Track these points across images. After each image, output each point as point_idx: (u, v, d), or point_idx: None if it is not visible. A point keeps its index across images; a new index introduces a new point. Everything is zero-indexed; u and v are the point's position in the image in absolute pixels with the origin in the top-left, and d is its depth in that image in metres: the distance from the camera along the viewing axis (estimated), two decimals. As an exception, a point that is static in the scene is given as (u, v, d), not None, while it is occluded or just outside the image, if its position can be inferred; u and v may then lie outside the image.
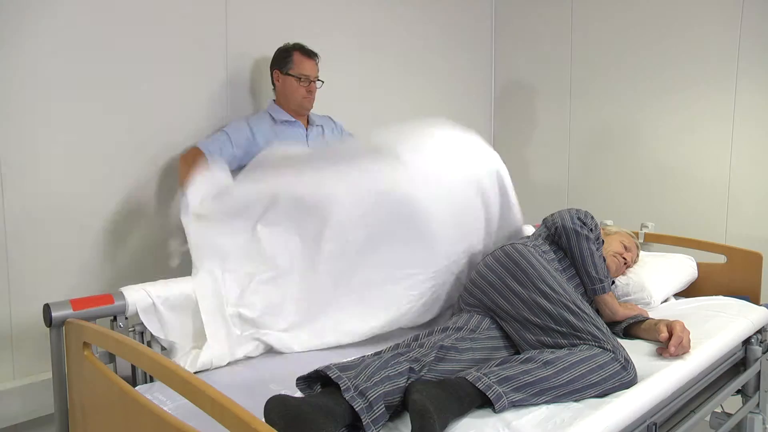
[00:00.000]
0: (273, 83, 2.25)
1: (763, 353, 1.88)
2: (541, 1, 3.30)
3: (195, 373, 1.44)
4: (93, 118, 1.95)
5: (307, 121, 2.31)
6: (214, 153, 2.01)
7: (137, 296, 1.43)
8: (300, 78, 2.20)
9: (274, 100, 2.28)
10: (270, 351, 1.68)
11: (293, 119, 2.26)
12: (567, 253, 1.73)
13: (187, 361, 1.49)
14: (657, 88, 2.90)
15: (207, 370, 1.56)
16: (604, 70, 3.08)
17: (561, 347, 1.40)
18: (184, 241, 1.65)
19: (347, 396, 1.14)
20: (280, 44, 2.24)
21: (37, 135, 1.84)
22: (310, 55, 2.24)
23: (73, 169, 1.92)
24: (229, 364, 1.60)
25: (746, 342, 1.84)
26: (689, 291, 2.25)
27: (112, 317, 1.40)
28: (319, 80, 2.26)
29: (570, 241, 1.72)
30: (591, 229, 1.75)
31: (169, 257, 1.92)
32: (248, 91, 2.38)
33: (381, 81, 2.84)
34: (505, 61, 3.49)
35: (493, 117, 3.54)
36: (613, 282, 1.88)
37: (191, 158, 1.96)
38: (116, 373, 1.37)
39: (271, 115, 2.23)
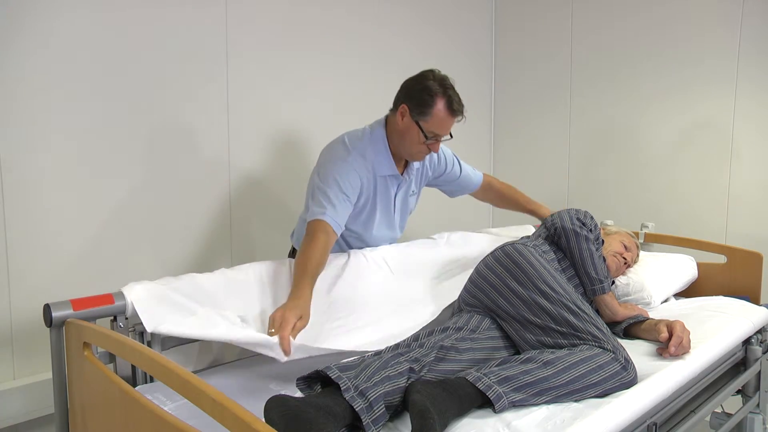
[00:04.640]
0: (395, 111, 1.79)
1: (763, 353, 1.88)
2: (542, 4, 3.30)
3: (195, 372, 1.44)
4: (94, 117, 1.95)
5: (404, 167, 1.92)
6: (342, 225, 1.73)
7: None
8: (429, 137, 1.76)
9: (384, 128, 1.84)
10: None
11: (396, 173, 1.86)
12: (567, 254, 1.74)
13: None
14: (657, 88, 2.90)
15: (210, 367, 1.56)
16: (604, 71, 3.08)
17: (561, 347, 1.40)
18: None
19: (347, 396, 1.14)
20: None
21: (37, 135, 1.84)
22: (456, 112, 1.74)
23: (73, 168, 1.92)
24: (229, 363, 1.61)
25: (746, 342, 1.84)
26: (689, 291, 2.25)
27: (112, 317, 1.40)
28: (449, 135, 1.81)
29: (569, 242, 1.72)
30: (590, 230, 1.75)
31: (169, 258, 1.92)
32: (248, 90, 2.39)
33: (380, 84, 2.84)
34: (505, 62, 3.48)
35: (493, 117, 3.54)
36: (613, 282, 1.88)
37: (318, 241, 1.63)
38: (116, 373, 1.37)
39: (374, 161, 1.81)
